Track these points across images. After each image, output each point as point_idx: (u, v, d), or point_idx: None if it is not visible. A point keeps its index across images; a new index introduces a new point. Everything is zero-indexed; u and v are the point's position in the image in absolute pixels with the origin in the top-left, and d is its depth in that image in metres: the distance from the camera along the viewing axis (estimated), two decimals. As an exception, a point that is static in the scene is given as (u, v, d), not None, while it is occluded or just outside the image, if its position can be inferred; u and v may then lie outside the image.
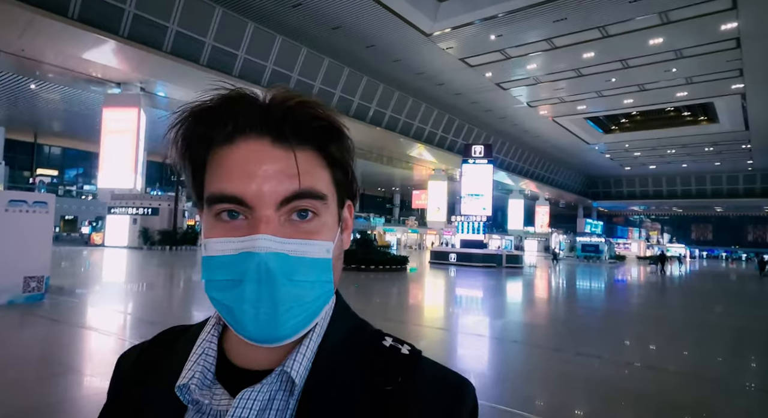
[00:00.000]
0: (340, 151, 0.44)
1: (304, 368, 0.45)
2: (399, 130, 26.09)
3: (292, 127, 0.41)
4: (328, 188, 0.44)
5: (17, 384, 3.82)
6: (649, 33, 16.93)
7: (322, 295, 0.44)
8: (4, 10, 11.11)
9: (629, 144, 35.92)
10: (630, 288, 15.78)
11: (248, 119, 0.41)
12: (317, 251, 0.42)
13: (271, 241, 0.40)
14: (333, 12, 16.40)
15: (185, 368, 0.47)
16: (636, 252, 42.57)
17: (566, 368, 5.02)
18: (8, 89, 18.60)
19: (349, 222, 0.50)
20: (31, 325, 5.95)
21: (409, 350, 0.48)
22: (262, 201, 0.41)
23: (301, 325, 0.43)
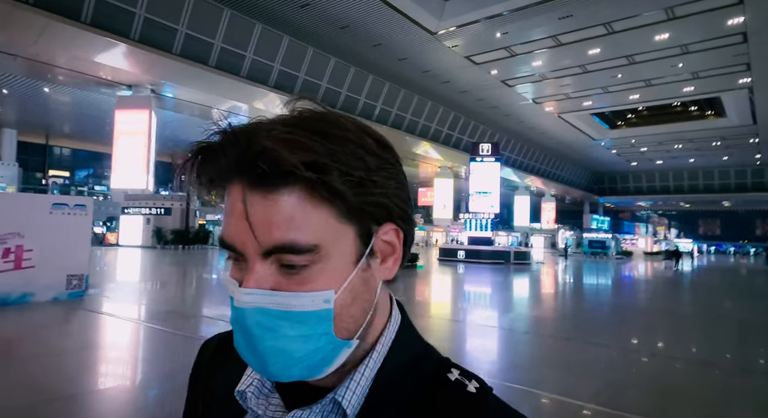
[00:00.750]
0: (327, 189, 0.38)
1: (357, 397, 0.43)
2: (405, 129, 26.23)
3: (259, 175, 0.37)
4: (327, 231, 0.39)
5: (85, 369, 4.41)
6: (655, 29, 16.94)
7: (323, 347, 0.40)
8: (21, 16, 11.39)
9: (636, 139, 35.82)
10: (650, 284, 15.82)
11: (227, 164, 0.39)
12: (308, 303, 0.39)
13: (250, 295, 0.39)
14: (340, 12, 16.56)
15: (245, 374, 0.47)
16: (643, 248, 42.43)
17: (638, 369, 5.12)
18: (21, 92, 18.94)
19: (397, 246, 0.45)
20: (82, 317, 6.56)
21: (477, 388, 0.44)
22: (246, 251, 0.39)
23: (307, 373, 0.42)
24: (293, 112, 0.41)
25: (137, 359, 4.81)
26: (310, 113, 0.41)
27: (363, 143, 0.41)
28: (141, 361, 4.76)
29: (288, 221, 0.38)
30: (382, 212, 0.42)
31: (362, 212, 0.41)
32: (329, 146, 0.38)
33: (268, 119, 0.40)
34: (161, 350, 5.08)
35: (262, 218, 0.38)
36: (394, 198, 0.43)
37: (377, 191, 0.41)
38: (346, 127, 0.41)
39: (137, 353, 5.07)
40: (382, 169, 0.41)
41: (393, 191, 0.42)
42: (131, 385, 4.08)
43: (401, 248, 0.45)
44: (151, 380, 4.23)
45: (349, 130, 0.41)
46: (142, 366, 4.60)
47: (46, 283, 6.91)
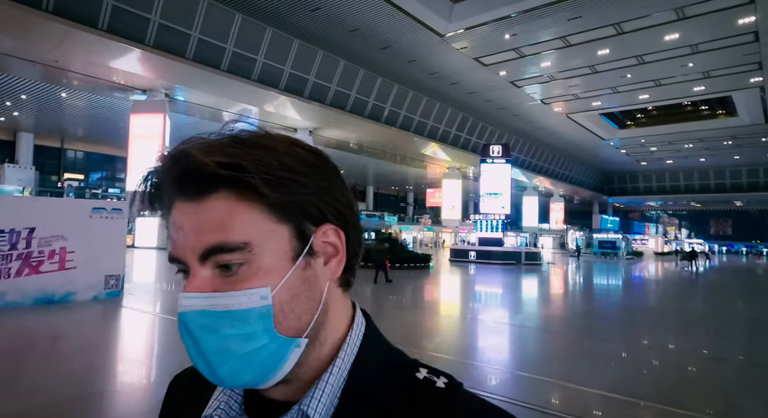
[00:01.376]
0: (255, 189, 0.40)
1: (324, 406, 0.43)
2: (413, 130, 26.34)
3: (183, 181, 0.40)
4: (257, 229, 0.41)
5: (138, 359, 4.96)
6: (665, 29, 16.92)
7: (266, 344, 0.41)
8: (43, 24, 11.72)
9: (645, 139, 35.60)
10: (671, 285, 15.91)
11: (163, 182, 0.42)
12: (245, 301, 0.40)
13: (191, 298, 0.40)
14: (350, 16, 16.75)
15: (212, 398, 0.48)
16: (653, 248, 42.13)
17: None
18: (39, 98, 19.35)
19: (339, 248, 0.46)
20: (125, 314, 7.18)
21: (445, 383, 0.45)
22: (186, 258, 0.41)
23: (258, 378, 0.42)
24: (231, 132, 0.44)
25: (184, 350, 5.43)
26: (248, 132, 0.44)
27: (290, 151, 0.43)
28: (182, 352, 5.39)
29: (218, 223, 0.40)
30: (315, 212, 0.44)
31: (291, 211, 0.42)
32: (252, 152, 0.40)
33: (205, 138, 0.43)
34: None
35: (195, 223, 0.40)
36: (326, 198, 0.44)
37: (303, 191, 0.42)
38: (277, 139, 0.44)
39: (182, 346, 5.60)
40: (311, 173, 0.43)
41: (324, 191, 0.44)
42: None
43: (344, 249, 0.46)
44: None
45: (279, 142, 0.43)
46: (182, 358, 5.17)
47: (87, 283, 7.45)
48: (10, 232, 6.85)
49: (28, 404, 3.55)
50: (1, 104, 19.59)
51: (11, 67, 15.54)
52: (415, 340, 6.03)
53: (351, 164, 33.97)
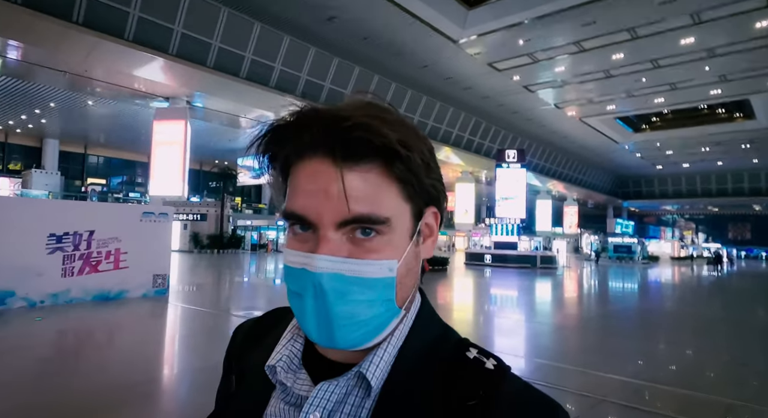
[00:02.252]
0: (406, 167, 0.42)
1: (381, 371, 0.45)
2: (427, 134, 26.48)
3: (350, 147, 0.41)
4: (396, 206, 0.43)
5: (196, 348, 5.62)
6: (680, 33, 16.90)
7: (383, 313, 0.44)
8: (75, 36, 12.26)
9: (661, 143, 35.27)
10: (699, 289, 15.96)
11: (312, 139, 0.42)
12: (377, 270, 0.42)
13: (327, 261, 0.41)
14: (365, 24, 17.09)
15: (275, 350, 0.50)
16: (670, 252, 41.57)
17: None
18: (65, 105, 20.03)
19: (434, 229, 0.49)
20: (176, 310, 7.86)
21: (494, 365, 0.46)
22: (322, 221, 0.42)
23: (362, 339, 0.44)
24: (358, 102, 0.45)
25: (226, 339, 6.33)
26: (375, 100, 0.45)
27: (417, 131, 0.46)
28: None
29: (369, 193, 0.41)
30: (434, 195, 0.47)
31: (420, 193, 0.45)
32: (402, 130, 0.43)
33: (338, 105, 0.44)
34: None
35: (345, 189, 0.41)
36: (440, 184, 0.48)
37: (434, 176, 0.46)
38: (403, 117, 0.45)
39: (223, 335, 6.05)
40: (434, 158, 0.47)
41: (440, 178, 0.48)
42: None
43: (437, 230, 0.50)
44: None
45: (406, 120, 0.45)
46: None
47: (137, 281, 8.12)
48: (74, 234, 7.63)
49: (101, 383, 4.12)
50: (31, 112, 20.32)
51: (40, 77, 16.17)
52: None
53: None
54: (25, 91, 18.15)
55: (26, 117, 21.07)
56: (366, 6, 15.81)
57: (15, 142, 24.53)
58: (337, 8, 16.06)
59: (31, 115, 20.71)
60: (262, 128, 0.44)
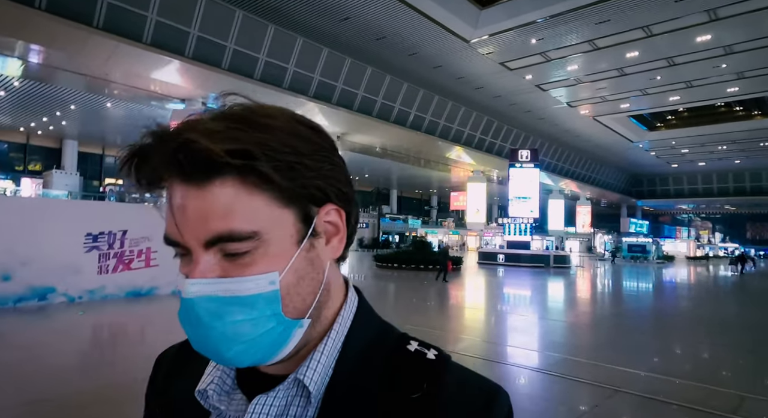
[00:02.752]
0: (259, 176, 0.39)
1: (319, 375, 0.44)
2: (438, 134, 26.59)
3: (188, 167, 0.38)
4: (266, 216, 0.40)
5: None
6: (696, 31, 16.70)
7: (274, 327, 0.41)
8: (96, 40, 12.59)
9: (676, 141, 34.80)
10: (723, 289, 15.92)
11: (160, 162, 0.39)
12: (253, 286, 0.40)
13: (197, 284, 0.40)
14: (378, 24, 17.21)
15: (205, 373, 0.47)
16: (685, 252, 41.02)
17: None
18: (85, 107, 20.50)
19: (340, 226, 0.46)
20: None
21: (435, 355, 0.46)
22: (190, 243, 0.40)
23: (263, 356, 0.42)
24: (223, 108, 0.43)
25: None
26: (239, 107, 0.42)
27: (292, 130, 0.42)
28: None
29: (225, 211, 0.38)
30: (319, 194, 0.43)
31: (298, 196, 0.42)
32: (255, 134, 0.39)
33: (197, 116, 0.41)
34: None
35: (199, 209, 0.39)
36: (330, 180, 0.44)
37: (310, 174, 0.42)
38: (274, 116, 0.42)
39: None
40: (315, 153, 0.42)
41: (327, 173, 0.44)
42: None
43: (345, 227, 0.46)
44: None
45: (276, 118, 0.42)
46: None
47: (167, 279, 8.34)
48: (108, 233, 8.09)
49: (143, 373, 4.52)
50: (52, 114, 20.84)
51: (61, 80, 16.60)
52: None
53: (375, 168, 34.42)
54: (46, 94, 18.63)
55: (47, 119, 21.62)
56: (380, 7, 15.94)
57: (36, 144, 25.17)
58: (351, 9, 16.21)
59: (52, 117, 21.24)
60: (125, 154, 0.41)
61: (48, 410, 3.53)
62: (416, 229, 40.23)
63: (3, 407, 3.50)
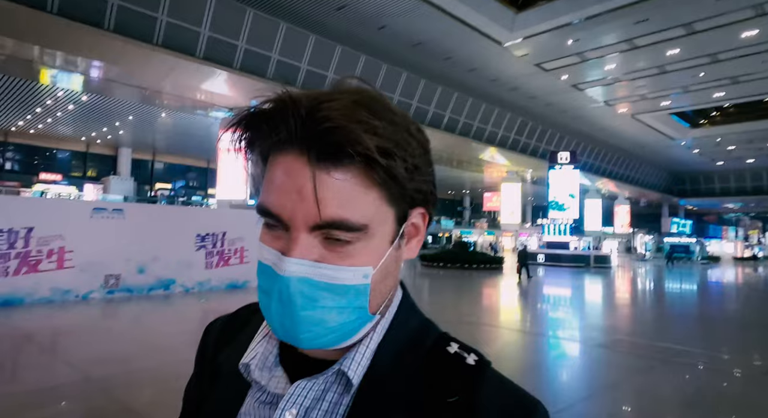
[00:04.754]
0: (387, 173, 0.39)
1: (362, 368, 0.44)
2: (472, 136, 26.79)
3: (326, 151, 0.38)
4: (375, 212, 0.41)
5: None
6: (741, 26, 16.29)
7: (354, 320, 0.42)
8: (158, 56, 13.71)
9: (721, 138, 33.48)
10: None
11: (288, 134, 0.39)
12: (350, 277, 0.41)
13: (297, 264, 0.40)
14: (414, 31, 17.71)
15: (249, 348, 0.49)
16: (732, 253, 39.33)
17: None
18: (141, 118, 22.00)
19: (421, 229, 0.47)
20: None
21: (475, 360, 0.45)
22: (294, 222, 0.40)
23: (330, 343, 0.43)
24: (346, 88, 0.42)
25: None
26: (363, 90, 0.42)
27: (409, 128, 0.43)
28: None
29: (344, 199, 0.39)
30: (421, 198, 0.45)
31: (405, 197, 0.43)
32: (389, 130, 0.39)
33: (322, 92, 0.41)
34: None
35: (320, 192, 0.39)
36: (431, 185, 0.46)
37: (421, 179, 0.43)
38: (395, 110, 0.43)
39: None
40: (423, 156, 0.44)
41: (430, 178, 0.45)
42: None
43: (425, 229, 0.48)
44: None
45: (398, 114, 0.43)
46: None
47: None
48: (213, 235, 9.85)
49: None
50: (111, 125, 22.48)
51: (121, 93, 17.96)
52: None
53: (409, 170, 34.84)
54: (108, 106, 20.14)
55: (107, 129, 23.30)
56: (417, 15, 16.44)
57: (94, 152, 27.09)
58: (388, 17, 16.78)
59: (111, 127, 22.89)
60: (240, 113, 0.42)
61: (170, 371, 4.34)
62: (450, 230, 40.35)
63: (147, 367, 4.67)
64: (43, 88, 17.86)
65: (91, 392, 3.91)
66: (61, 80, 16.33)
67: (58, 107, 19.98)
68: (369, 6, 16.14)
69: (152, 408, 3.59)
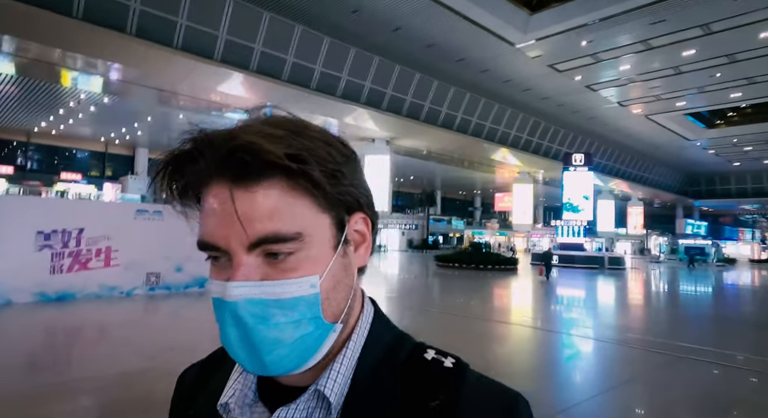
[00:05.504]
0: (308, 180, 0.41)
1: (339, 386, 0.44)
2: (484, 136, 26.82)
3: (241, 169, 0.39)
4: (309, 219, 0.42)
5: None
6: (759, 27, 16.12)
7: (312, 331, 0.42)
8: (177, 60, 14.04)
9: (738, 139, 33.02)
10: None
11: (206, 164, 0.40)
12: (296, 289, 0.41)
13: (241, 287, 0.40)
14: (428, 32, 17.84)
15: (227, 387, 0.48)
16: (748, 255, 38.74)
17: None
18: (159, 119, 22.45)
19: (366, 234, 0.48)
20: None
21: (453, 363, 0.46)
22: (232, 246, 0.40)
23: (297, 362, 0.43)
24: (264, 117, 0.45)
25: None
26: (276, 116, 0.45)
27: (328, 140, 0.44)
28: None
29: (271, 212, 0.40)
30: (353, 202, 0.46)
31: (336, 202, 0.44)
32: (303, 141, 0.41)
33: (248, 122, 0.43)
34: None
35: (246, 210, 0.39)
36: (361, 189, 0.47)
37: (347, 182, 0.44)
38: (311, 127, 0.45)
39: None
40: (347, 163, 0.45)
41: (359, 182, 0.46)
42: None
43: (370, 235, 0.49)
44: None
45: (314, 130, 0.44)
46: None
47: None
48: None
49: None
50: (130, 126, 22.98)
51: (140, 94, 18.36)
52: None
53: (420, 170, 34.97)
54: (127, 108, 20.60)
55: (125, 130, 23.82)
56: (430, 17, 16.56)
57: (112, 152, 27.70)
58: (402, 19, 16.93)
59: (130, 128, 23.40)
60: (160, 162, 0.43)
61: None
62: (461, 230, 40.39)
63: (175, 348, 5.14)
64: (65, 91, 18.34)
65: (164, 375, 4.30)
66: (81, 82, 16.77)
67: (81, 109, 20.49)
68: (383, 8, 16.32)
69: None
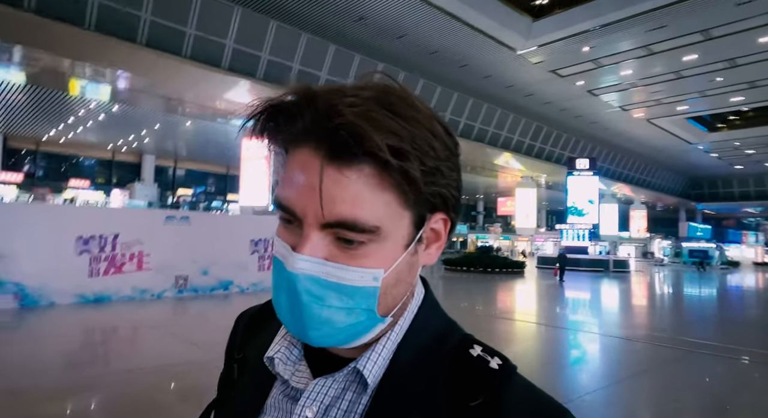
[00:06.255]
0: (402, 175, 0.38)
1: (378, 367, 0.44)
2: (488, 141, 27.02)
3: (337, 148, 0.37)
4: (389, 214, 0.40)
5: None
6: (760, 31, 16.32)
7: (362, 321, 0.42)
8: (186, 68, 14.29)
9: (740, 142, 33.14)
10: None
11: (303, 128, 0.39)
12: (358, 278, 0.40)
13: (305, 261, 0.39)
14: (432, 40, 18.09)
15: (274, 341, 0.49)
16: (752, 258, 38.71)
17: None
18: (167, 126, 22.71)
19: (442, 234, 0.46)
20: None
21: (499, 364, 0.44)
22: (307, 218, 0.40)
23: (339, 342, 0.43)
24: (367, 83, 0.42)
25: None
26: (384, 87, 0.41)
27: (433, 128, 0.41)
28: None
29: (355, 199, 0.38)
30: (440, 202, 0.43)
31: (424, 201, 0.41)
32: (408, 129, 0.38)
33: (343, 87, 0.40)
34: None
35: (331, 190, 0.38)
36: (453, 190, 0.44)
37: (442, 182, 0.42)
38: (419, 108, 0.41)
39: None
40: (448, 159, 0.42)
41: (454, 183, 0.44)
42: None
43: (446, 236, 0.46)
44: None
45: (420, 111, 0.40)
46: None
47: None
48: (264, 240, 10.54)
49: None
50: (138, 133, 23.25)
51: (147, 102, 18.63)
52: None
53: (424, 175, 35.15)
54: (136, 115, 20.87)
55: (132, 137, 24.09)
56: (435, 25, 16.83)
57: (119, 159, 27.97)
58: (407, 28, 17.20)
59: (137, 135, 23.66)
60: (258, 106, 0.42)
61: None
62: (464, 234, 40.47)
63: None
64: (74, 100, 18.62)
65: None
66: (90, 91, 17.04)
67: (90, 117, 20.77)
68: (389, 17, 16.58)
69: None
